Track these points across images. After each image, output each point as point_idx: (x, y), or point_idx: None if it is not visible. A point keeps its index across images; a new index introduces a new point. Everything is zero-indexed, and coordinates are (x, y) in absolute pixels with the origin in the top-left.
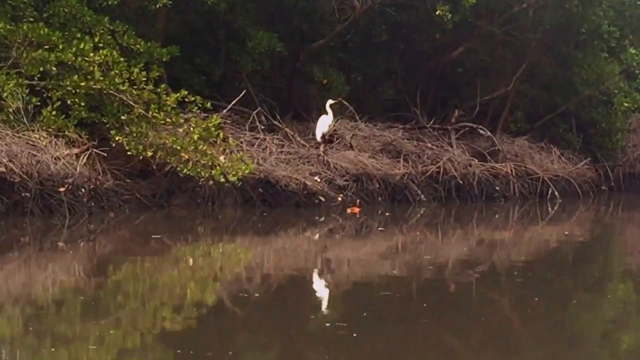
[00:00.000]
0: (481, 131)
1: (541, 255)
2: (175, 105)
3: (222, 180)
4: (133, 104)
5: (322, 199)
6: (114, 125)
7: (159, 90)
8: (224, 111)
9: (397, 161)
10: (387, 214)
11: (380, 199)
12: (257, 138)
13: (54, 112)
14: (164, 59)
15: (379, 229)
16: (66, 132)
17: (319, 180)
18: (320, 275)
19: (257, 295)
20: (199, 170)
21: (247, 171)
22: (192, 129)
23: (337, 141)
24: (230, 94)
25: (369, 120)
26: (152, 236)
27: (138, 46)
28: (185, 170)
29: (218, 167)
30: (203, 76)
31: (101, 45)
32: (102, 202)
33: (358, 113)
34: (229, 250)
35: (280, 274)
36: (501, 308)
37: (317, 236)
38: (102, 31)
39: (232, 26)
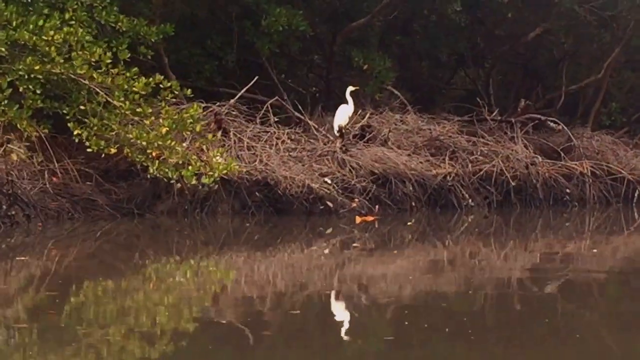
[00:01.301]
0: (552, 124)
1: (630, 268)
2: (145, 93)
3: (195, 182)
4: (99, 91)
5: (330, 205)
6: (75, 117)
7: (128, 75)
8: (232, 100)
9: (442, 159)
10: (423, 222)
11: (414, 204)
12: (267, 132)
13: (4, 101)
14: (153, 40)
15: (411, 239)
16: (18, 125)
17: (329, 182)
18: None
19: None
20: (166, 170)
21: (224, 171)
22: (161, 120)
23: (370, 135)
24: (247, 81)
25: (421, 112)
26: (120, 252)
27: (120, 24)
28: (151, 170)
29: (190, 167)
30: (216, 61)
31: (73, 22)
32: (45, 209)
33: (415, 104)
34: (211, 268)
35: (294, 298)
36: (594, 326)
37: (327, 250)
38: (75, 6)
39: (245, 1)
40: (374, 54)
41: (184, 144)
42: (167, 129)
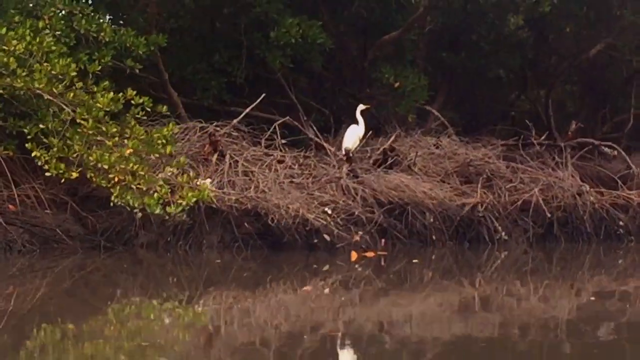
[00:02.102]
0: (606, 149)
1: None
2: (114, 110)
3: (160, 211)
4: (64, 107)
5: (327, 238)
6: (37, 137)
7: (96, 89)
8: (235, 120)
9: (474, 187)
10: (449, 258)
11: (435, 237)
12: (271, 155)
13: None
14: (142, 51)
15: (433, 277)
16: None
17: (329, 212)
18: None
19: None
20: (128, 197)
21: (194, 199)
22: (126, 140)
23: (392, 160)
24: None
25: (466, 135)
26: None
27: (103, 34)
28: (113, 198)
29: (156, 193)
30: (224, 78)
31: (47, 32)
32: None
33: (461, 127)
34: (192, 311)
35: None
36: None
37: (326, 290)
38: (51, 14)
39: (252, 11)
40: (407, 70)
41: (169, 169)
42: (131, 150)
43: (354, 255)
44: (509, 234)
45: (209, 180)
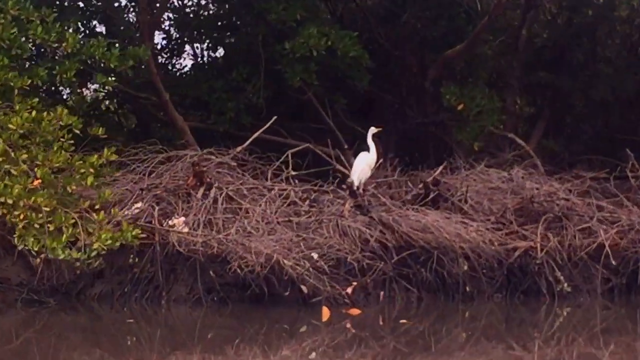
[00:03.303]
0: None
1: None
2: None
3: (67, 256)
4: None
5: (304, 290)
6: None
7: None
8: (240, 148)
9: (534, 228)
10: (497, 314)
11: (468, 289)
12: (271, 189)
13: None
14: (113, 65)
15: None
16: None
17: (316, 257)
18: None
19: None
20: (29, 239)
21: (108, 242)
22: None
23: (434, 194)
24: (290, 124)
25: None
26: None
27: (65, 44)
28: (16, 240)
29: (64, 235)
30: (243, 98)
31: None
32: None
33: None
34: None
35: None
36: None
37: (312, 355)
38: (2, 21)
39: (270, 19)
40: (476, 90)
41: (137, 205)
42: (40, 180)
43: (325, 313)
44: (575, 285)
45: (182, 218)
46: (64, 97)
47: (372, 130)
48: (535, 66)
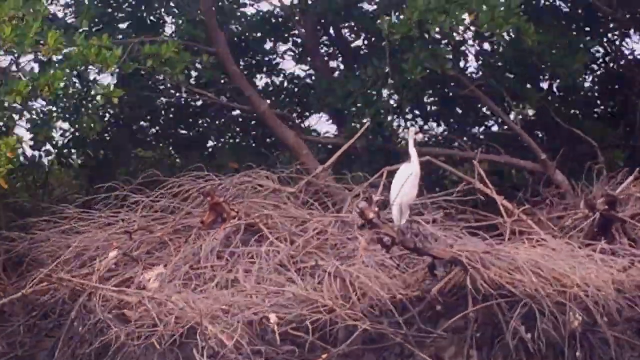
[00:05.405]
0: None
1: None
2: None
3: None
4: None
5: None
6: None
7: None
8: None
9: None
10: None
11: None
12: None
13: None
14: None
15: None
16: None
17: (272, 320)
18: None
19: None
20: None
21: None
22: None
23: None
24: None
25: None
26: None
27: None
28: None
29: None
30: None
31: None
32: None
33: None
34: None
35: None
36: None
37: None
38: None
39: None
40: None
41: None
42: None
43: None
44: None
45: (157, 271)
46: None
47: (413, 131)
48: None
